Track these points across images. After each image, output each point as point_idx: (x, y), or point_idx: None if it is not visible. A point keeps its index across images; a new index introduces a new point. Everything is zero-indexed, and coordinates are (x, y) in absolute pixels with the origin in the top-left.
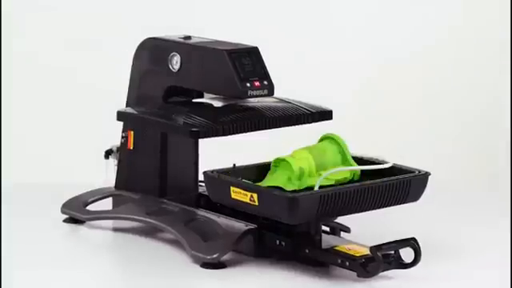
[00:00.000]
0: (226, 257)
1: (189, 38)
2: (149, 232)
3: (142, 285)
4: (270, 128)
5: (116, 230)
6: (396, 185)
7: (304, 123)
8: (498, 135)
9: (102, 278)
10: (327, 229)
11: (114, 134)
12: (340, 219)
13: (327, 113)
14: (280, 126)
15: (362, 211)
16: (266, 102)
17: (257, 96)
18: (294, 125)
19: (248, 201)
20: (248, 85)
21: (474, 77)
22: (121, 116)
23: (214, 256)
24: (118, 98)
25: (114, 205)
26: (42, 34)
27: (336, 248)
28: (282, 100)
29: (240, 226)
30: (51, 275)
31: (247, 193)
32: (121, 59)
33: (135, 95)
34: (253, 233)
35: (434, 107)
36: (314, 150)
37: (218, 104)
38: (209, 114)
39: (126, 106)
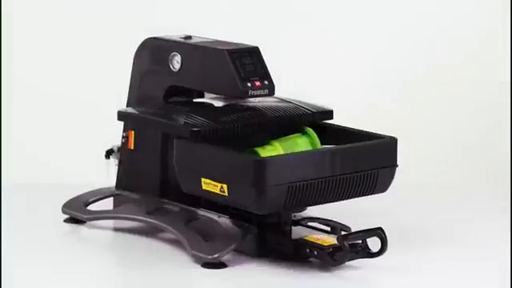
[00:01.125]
0: (226, 257)
1: (189, 37)
2: (149, 232)
3: (143, 285)
4: (270, 128)
5: (117, 229)
6: (364, 176)
7: (305, 123)
8: (498, 135)
9: (103, 278)
10: (328, 228)
11: (114, 134)
12: (340, 219)
13: (328, 112)
14: (281, 126)
15: (330, 202)
16: (267, 101)
17: (257, 96)
18: (295, 125)
19: (218, 191)
20: (249, 85)
21: (474, 77)
22: (121, 116)
23: (215, 256)
24: (119, 98)
25: (115, 205)
26: (42, 33)
27: (305, 238)
28: (282, 100)
29: (241, 226)
30: (51, 275)
31: (217, 184)
32: (121, 59)
33: (136, 95)
34: (253, 233)
35: (434, 107)
36: (286, 141)
37: (218, 104)
38: (210, 114)
39: (127, 106)
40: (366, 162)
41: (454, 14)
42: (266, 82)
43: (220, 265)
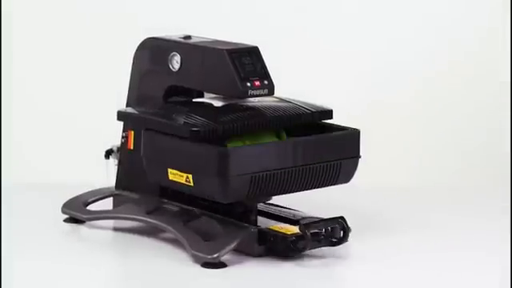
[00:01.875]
0: (226, 256)
1: (189, 37)
2: (149, 232)
3: (143, 284)
4: (270, 128)
5: (116, 229)
6: (327, 166)
7: (304, 123)
8: (498, 135)
9: (103, 278)
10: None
11: (114, 134)
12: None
13: (328, 112)
14: (280, 126)
15: (293, 191)
16: (267, 101)
17: (257, 95)
18: (295, 124)
19: (184, 182)
20: (248, 84)
21: (475, 77)
22: (121, 116)
23: (215, 256)
24: (118, 98)
25: (115, 205)
26: (42, 33)
27: (269, 227)
28: (282, 99)
29: (240, 225)
30: (51, 275)
31: (183, 174)
32: (121, 59)
33: (135, 95)
34: (253, 232)
35: (434, 107)
36: (250, 136)
37: (218, 104)
38: (209, 114)
39: (127, 106)
40: (329, 152)
41: (454, 14)
42: (266, 82)
43: (219, 264)
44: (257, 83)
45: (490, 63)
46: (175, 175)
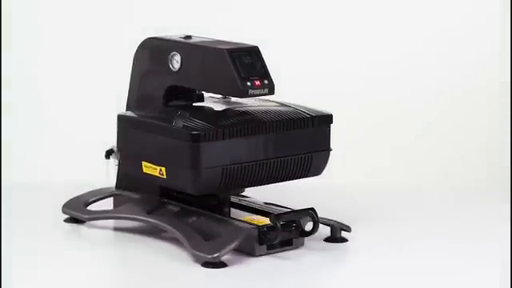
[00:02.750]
0: (226, 256)
1: (189, 37)
2: (150, 232)
3: (143, 284)
4: (270, 132)
5: (117, 229)
6: (298, 159)
7: (304, 127)
8: (498, 135)
9: (103, 278)
10: (327, 228)
11: (114, 134)
12: (341, 218)
13: (327, 117)
14: (280, 131)
15: (264, 183)
16: (267, 105)
17: (257, 95)
18: (294, 129)
19: (157, 174)
20: (248, 84)
21: (475, 77)
22: (121, 120)
23: (215, 255)
24: (119, 98)
25: (115, 205)
26: (42, 33)
27: (242, 219)
28: (282, 104)
29: (241, 225)
30: (51, 275)
31: (156, 167)
32: (121, 59)
33: (136, 96)
34: (254, 232)
35: (435, 108)
36: None
37: (218, 108)
38: (209, 118)
39: (127, 107)
40: (300, 146)
41: (454, 14)
42: (266, 82)
43: (220, 264)
44: (257, 83)
45: (490, 61)
46: (149, 168)
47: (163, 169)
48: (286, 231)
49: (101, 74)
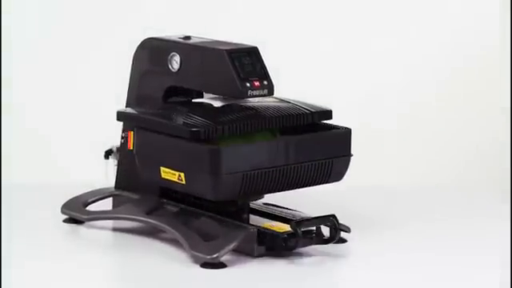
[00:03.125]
0: (226, 257)
1: (188, 38)
2: (149, 232)
3: (142, 285)
4: (270, 128)
5: (116, 230)
6: (319, 165)
7: (304, 123)
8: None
9: (102, 278)
10: (327, 228)
11: (114, 134)
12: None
13: (327, 112)
14: (280, 126)
15: (285, 190)
16: (266, 101)
17: (257, 96)
18: (294, 124)
19: (176, 180)
20: (248, 85)
21: (475, 76)
22: (121, 116)
23: (214, 256)
24: (118, 98)
25: (114, 205)
26: (42, 33)
27: (261, 225)
28: (282, 100)
29: (240, 226)
30: (51, 275)
31: (175, 172)
32: (120, 59)
33: (135, 95)
34: (253, 233)
35: (434, 107)
36: (244, 136)
37: (217, 104)
38: (209, 114)
39: (126, 107)
40: (321, 151)
41: (455, 14)
42: (266, 82)
43: (219, 265)
44: (256, 83)
45: (491, 63)
46: (167, 173)
47: (182, 174)
48: (307, 238)
49: (100, 74)
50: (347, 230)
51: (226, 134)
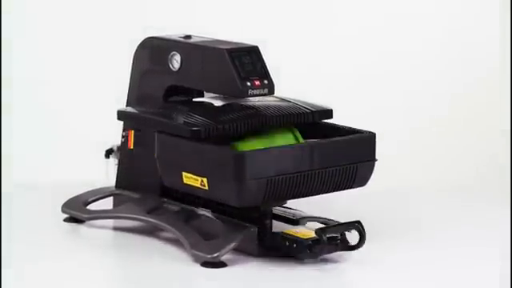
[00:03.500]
0: (226, 256)
1: (189, 37)
2: (149, 231)
3: (143, 284)
4: (270, 127)
5: (116, 229)
6: (343, 170)
7: (304, 122)
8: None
9: (103, 278)
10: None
11: (114, 134)
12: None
13: (327, 112)
14: (280, 125)
15: (309, 195)
16: (267, 100)
17: (257, 95)
18: (294, 124)
19: (199, 185)
20: (248, 84)
21: (475, 76)
22: (121, 115)
23: (215, 255)
24: (118, 98)
25: (115, 204)
26: (42, 33)
27: (284, 231)
28: (282, 99)
29: (241, 225)
30: (51, 275)
31: (198, 177)
32: (121, 59)
33: (135, 95)
34: (253, 232)
35: (435, 107)
36: (264, 137)
37: (218, 103)
38: (209, 114)
39: (127, 106)
40: (345, 156)
41: (455, 13)
42: (266, 82)
43: (220, 264)
44: (257, 83)
45: (491, 63)
46: (190, 179)
47: (205, 180)
48: (332, 244)
49: (101, 74)
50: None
51: (227, 133)
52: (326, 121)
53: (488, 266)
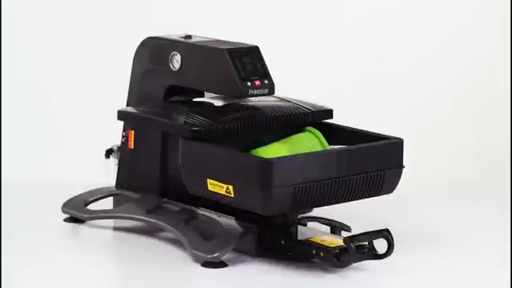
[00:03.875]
0: (226, 256)
1: (189, 37)
2: (149, 231)
3: (143, 284)
4: (270, 127)
5: (116, 229)
6: (370, 177)
7: (305, 122)
8: (498, 135)
9: (103, 278)
10: (327, 228)
11: (114, 134)
12: (339, 218)
13: (328, 112)
14: (281, 125)
15: (336, 203)
16: (267, 101)
17: (257, 95)
18: (295, 124)
19: (224, 193)
20: (248, 84)
21: (475, 76)
22: (121, 115)
23: (215, 255)
24: (119, 98)
25: (115, 204)
26: (43, 33)
27: (311, 239)
28: (282, 99)
29: (241, 225)
30: (51, 274)
31: (223, 185)
32: (121, 59)
33: (136, 95)
34: (253, 232)
35: (435, 107)
36: (289, 142)
37: (218, 103)
38: (210, 114)
39: (127, 106)
40: (373, 163)
41: (455, 13)
42: (266, 82)
43: (220, 264)
44: (257, 83)
45: (491, 63)
46: (215, 186)
47: (231, 187)
48: (360, 253)
49: (101, 74)
50: (348, 229)
51: (227, 133)
52: (347, 125)
53: None
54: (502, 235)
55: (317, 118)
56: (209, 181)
